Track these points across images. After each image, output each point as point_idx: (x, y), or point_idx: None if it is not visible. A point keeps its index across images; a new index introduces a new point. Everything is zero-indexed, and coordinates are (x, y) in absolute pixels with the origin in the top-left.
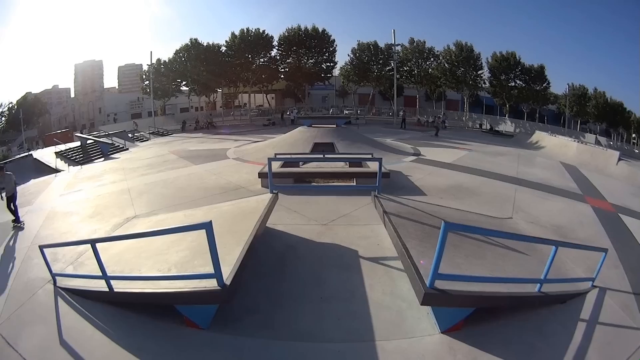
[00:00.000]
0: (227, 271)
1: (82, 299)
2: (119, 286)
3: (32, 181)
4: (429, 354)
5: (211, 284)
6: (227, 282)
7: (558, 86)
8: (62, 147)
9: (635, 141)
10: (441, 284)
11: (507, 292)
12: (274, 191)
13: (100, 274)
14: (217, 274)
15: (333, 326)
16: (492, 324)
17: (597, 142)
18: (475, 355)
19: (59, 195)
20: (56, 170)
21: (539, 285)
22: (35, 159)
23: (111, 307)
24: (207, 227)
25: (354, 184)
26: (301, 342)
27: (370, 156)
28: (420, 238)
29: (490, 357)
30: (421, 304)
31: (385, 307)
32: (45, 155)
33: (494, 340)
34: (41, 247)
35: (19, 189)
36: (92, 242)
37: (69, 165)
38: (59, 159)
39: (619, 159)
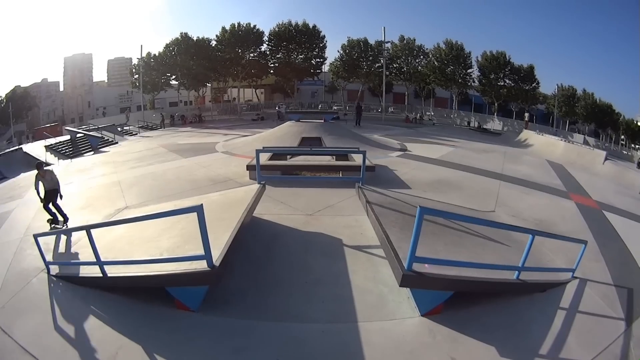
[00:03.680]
0: (217, 254)
1: (75, 286)
2: (112, 271)
3: (23, 175)
4: (409, 335)
5: (201, 265)
6: (217, 263)
7: (548, 86)
8: (51, 141)
9: (623, 142)
10: (419, 267)
11: (485, 277)
12: (262, 182)
13: (94, 260)
14: (207, 256)
15: (318, 308)
16: (472, 309)
17: (585, 142)
18: (455, 337)
19: None
20: (46, 164)
21: (517, 272)
22: (25, 152)
23: (104, 293)
24: (199, 209)
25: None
26: (287, 323)
27: (356, 149)
28: (401, 226)
29: (470, 339)
30: (400, 286)
31: (367, 291)
32: (35, 149)
33: (474, 325)
34: (35, 236)
35: (10, 182)
36: (88, 228)
37: (58, 158)
38: (48, 153)
39: (606, 159)
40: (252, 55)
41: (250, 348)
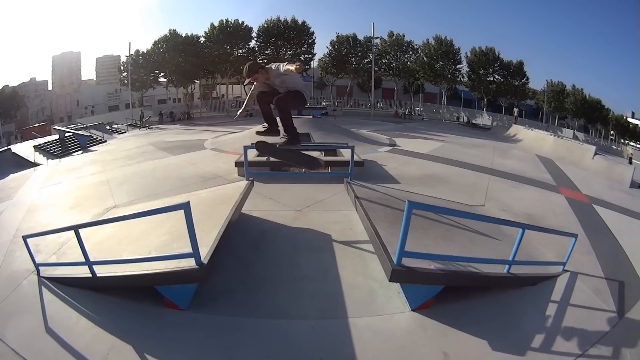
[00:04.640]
0: (205, 252)
1: (66, 287)
2: (102, 271)
3: (11, 176)
4: (400, 330)
5: (189, 263)
6: (205, 261)
7: (537, 82)
8: (40, 141)
9: (613, 138)
10: (408, 262)
11: (475, 271)
12: (250, 178)
13: (83, 261)
14: (195, 253)
15: (307, 304)
16: (463, 303)
17: (575, 137)
18: (446, 332)
19: (39, 188)
20: (35, 164)
21: (507, 266)
22: (14, 153)
23: (95, 293)
24: (185, 207)
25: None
26: (276, 319)
27: (345, 145)
28: (390, 221)
29: (461, 333)
30: (389, 281)
31: (357, 286)
32: (24, 149)
33: (465, 318)
34: (24, 237)
35: None
36: (76, 228)
37: (47, 158)
38: (37, 153)
39: (595, 154)
40: (240, 51)
41: (240, 345)
